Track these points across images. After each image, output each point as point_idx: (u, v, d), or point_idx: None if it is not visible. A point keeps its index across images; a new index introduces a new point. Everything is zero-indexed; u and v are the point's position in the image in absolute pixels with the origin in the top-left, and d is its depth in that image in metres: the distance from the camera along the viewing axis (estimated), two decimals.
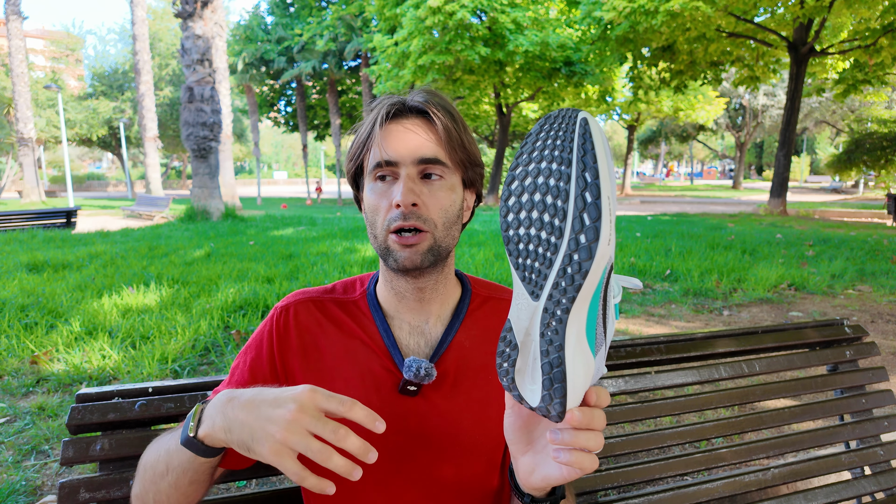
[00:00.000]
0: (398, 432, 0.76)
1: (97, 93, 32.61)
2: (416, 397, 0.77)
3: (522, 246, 0.52)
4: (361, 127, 0.79)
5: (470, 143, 0.78)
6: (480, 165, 0.81)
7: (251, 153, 36.31)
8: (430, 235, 0.74)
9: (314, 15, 23.64)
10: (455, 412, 0.78)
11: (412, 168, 0.74)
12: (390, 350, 0.78)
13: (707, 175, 65.13)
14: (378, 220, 0.75)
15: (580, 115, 0.50)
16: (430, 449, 0.77)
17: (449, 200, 0.76)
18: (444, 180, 0.76)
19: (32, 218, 10.69)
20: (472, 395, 0.79)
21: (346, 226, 11.40)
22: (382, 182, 0.75)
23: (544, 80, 17.28)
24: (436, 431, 0.77)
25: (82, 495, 0.85)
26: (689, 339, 1.33)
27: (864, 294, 5.21)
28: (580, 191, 0.47)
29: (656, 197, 26.97)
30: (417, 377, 0.74)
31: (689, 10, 11.17)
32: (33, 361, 3.22)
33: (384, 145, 0.74)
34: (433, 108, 0.76)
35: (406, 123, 0.76)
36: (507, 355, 0.54)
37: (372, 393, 0.77)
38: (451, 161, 0.76)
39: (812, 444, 1.33)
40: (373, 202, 0.76)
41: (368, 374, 0.78)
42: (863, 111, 26.89)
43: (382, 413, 0.76)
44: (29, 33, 53.61)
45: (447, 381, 0.78)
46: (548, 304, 0.50)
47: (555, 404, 0.50)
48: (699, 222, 11.78)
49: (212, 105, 12.69)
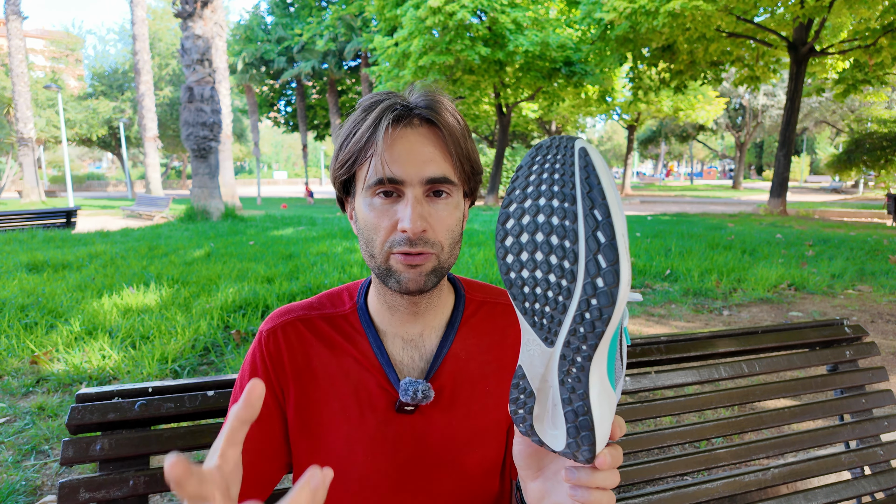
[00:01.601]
0: (396, 451, 0.75)
1: (97, 93, 32.62)
2: (413, 415, 0.76)
3: (528, 290, 0.48)
4: (355, 129, 0.70)
5: (473, 151, 0.73)
6: (481, 172, 0.77)
7: (251, 153, 36.31)
8: (435, 257, 0.70)
9: (314, 15, 23.65)
10: (453, 426, 0.77)
11: (419, 189, 0.68)
12: (384, 368, 0.75)
13: (707, 175, 65.14)
14: (377, 240, 0.69)
15: (578, 143, 0.46)
16: (429, 464, 0.76)
17: (455, 219, 0.72)
18: (451, 198, 0.71)
19: (32, 218, 10.69)
20: (470, 407, 0.78)
21: (346, 226, 11.40)
22: (383, 199, 0.68)
23: (544, 80, 17.29)
24: (434, 447, 0.76)
25: (82, 495, 0.85)
26: (689, 339, 1.33)
27: (864, 294, 5.21)
28: (591, 230, 0.43)
29: (656, 197, 26.97)
30: (415, 399, 0.72)
31: (690, 10, 11.17)
32: (33, 361, 3.22)
33: (389, 161, 0.66)
34: (440, 115, 0.69)
35: (411, 135, 0.68)
36: (523, 402, 0.51)
37: (368, 413, 0.75)
38: (458, 177, 0.71)
39: (812, 444, 1.33)
40: (371, 220, 0.69)
41: (364, 394, 0.75)
42: (863, 111, 26.89)
43: (379, 432, 0.75)
44: (29, 33, 53.60)
45: (444, 396, 0.77)
46: (566, 352, 0.47)
47: (583, 451, 0.48)
48: (699, 222, 11.78)
49: (212, 105, 12.69)
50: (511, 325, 0.83)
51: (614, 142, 55.19)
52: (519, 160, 28.11)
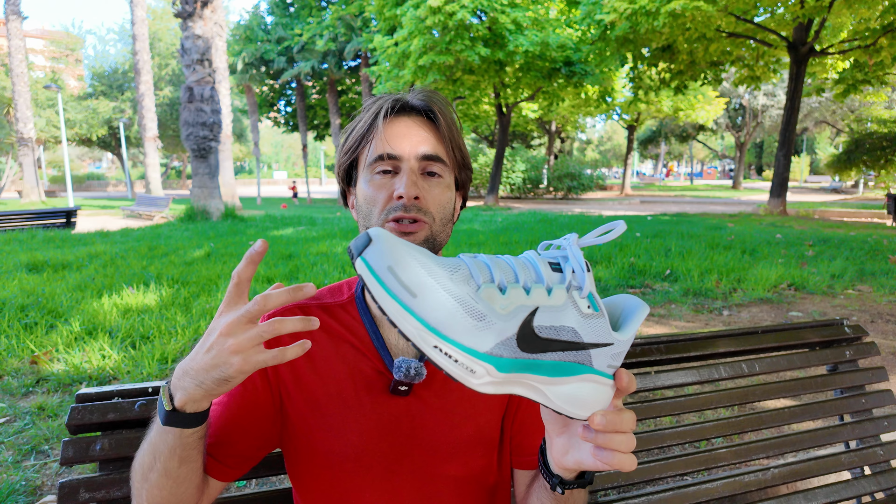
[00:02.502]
0: (392, 433, 0.76)
1: (97, 93, 32.63)
2: (408, 397, 0.77)
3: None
4: (359, 122, 0.79)
5: (464, 147, 0.81)
6: (470, 169, 0.84)
7: (251, 153, 36.30)
8: (427, 227, 0.75)
9: (314, 15, 23.63)
10: (447, 409, 0.78)
11: (415, 163, 0.75)
12: (380, 351, 0.77)
13: (707, 175, 65.15)
14: (374, 211, 0.75)
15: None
16: (425, 447, 0.77)
17: (446, 198, 0.78)
18: (442, 178, 0.78)
19: (32, 218, 10.69)
20: (464, 391, 0.79)
21: (346, 226, 11.40)
22: (382, 175, 0.76)
23: (544, 80, 17.29)
24: (429, 429, 0.77)
25: (82, 495, 0.85)
26: (689, 339, 1.33)
27: (864, 294, 5.21)
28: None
29: (656, 197, 26.98)
30: (408, 377, 0.74)
31: (691, 11, 11.17)
32: (33, 361, 3.22)
33: (387, 139, 0.75)
34: (435, 107, 0.77)
35: (408, 120, 0.77)
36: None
37: (363, 395, 0.77)
38: (449, 161, 0.78)
39: (812, 444, 1.33)
40: (370, 194, 0.76)
41: (359, 377, 0.77)
42: (863, 111, 26.90)
43: (375, 414, 0.76)
44: (29, 33, 53.60)
45: (437, 379, 0.78)
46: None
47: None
48: (699, 222, 11.78)
49: (212, 105, 12.69)
50: None
51: (614, 142, 55.21)
52: (519, 160, 28.02)
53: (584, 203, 22.45)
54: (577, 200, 24.44)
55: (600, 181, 29.40)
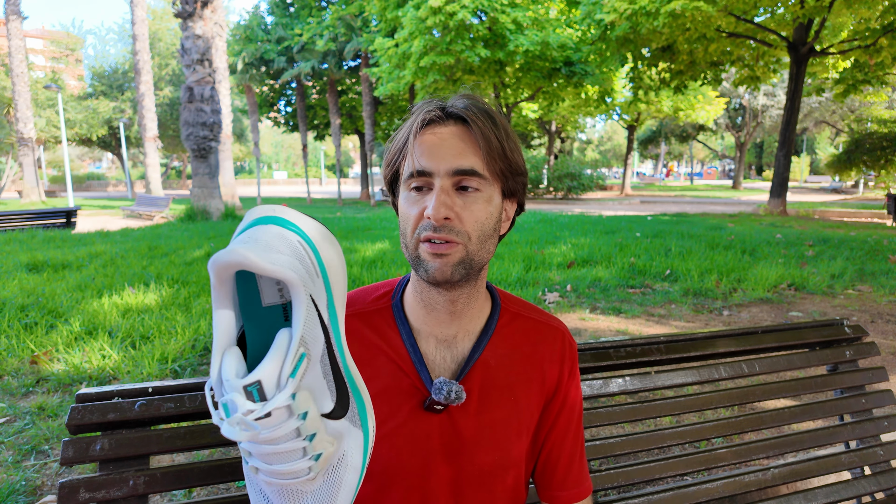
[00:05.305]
0: (421, 447, 0.76)
1: (97, 93, 32.60)
2: (441, 414, 0.77)
3: None
4: (399, 132, 0.76)
5: (512, 152, 0.74)
6: (523, 174, 0.78)
7: (251, 153, 36.28)
8: (462, 248, 0.71)
9: (314, 15, 23.61)
10: (478, 431, 0.78)
11: (446, 180, 0.71)
12: (417, 367, 0.77)
13: (707, 175, 65.10)
14: (408, 230, 0.73)
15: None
16: (453, 466, 0.77)
17: (485, 213, 0.73)
18: (480, 192, 0.73)
19: (32, 218, 10.68)
20: (496, 414, 0.79)
21: (346, 226, 11.40)
22: (417, 192, 0.73)
23: (544, 80, 17.29)
24: (458, 449, 0.77)
25: (82, 495, 0.85)
26: (689, 339, 1.33)
27: (864, 294, 5.21)
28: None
29: (656, 197, 26.97)
30: (447, 400, 0.73)
31: (691, 11, 11.17)
32: (33, 361, 3.22)
33: (418, 154, 0.72)
34: (473, 114, 0.72)
35: (442, 132, 0.73)
36: None
37: (396, 408, 0.77)
38: (490, 172, 0.73)
39: (812, 444, 1.33)
40: (405, 211, 0.74)
41: (394, 390, 0.77)
42: (863, 111, 26.90)
43: (406, 428, 0.76)
44: (29, 33, 53.63)
45: (472, 400, 0.78)
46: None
47: None
48: (699, 222, 11.77)
49: (212, 105, 12.69)
50: (541, 341, 0.84)
51: (614, 142, 55.22)
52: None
53: (584, 203, 22.45)
54: (577, 200, 24.43)
55: (600, 181, 29.36)
